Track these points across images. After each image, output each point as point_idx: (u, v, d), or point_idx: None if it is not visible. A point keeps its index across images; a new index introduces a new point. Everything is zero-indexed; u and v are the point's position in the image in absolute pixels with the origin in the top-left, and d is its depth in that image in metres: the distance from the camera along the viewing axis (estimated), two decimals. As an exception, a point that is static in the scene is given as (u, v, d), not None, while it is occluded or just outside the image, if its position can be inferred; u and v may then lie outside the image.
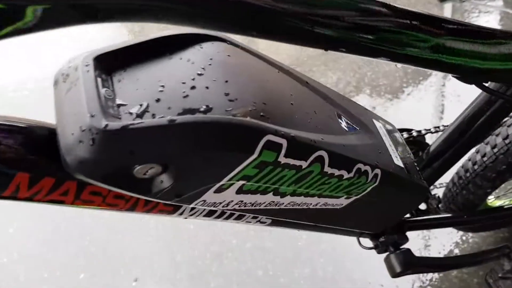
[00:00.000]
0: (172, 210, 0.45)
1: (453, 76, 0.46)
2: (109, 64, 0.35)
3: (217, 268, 1.29)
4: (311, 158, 0.41)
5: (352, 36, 0.37)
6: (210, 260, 1.31)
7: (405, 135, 0.78)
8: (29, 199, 0.36)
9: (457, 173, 0.86)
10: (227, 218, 0.52)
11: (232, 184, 0.39)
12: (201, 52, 0.38)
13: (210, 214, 0.49)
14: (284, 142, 0.37)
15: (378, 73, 1.84)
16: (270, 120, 0.37)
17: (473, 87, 0.50)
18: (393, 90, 1.75)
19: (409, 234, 0.81)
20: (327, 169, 0.43)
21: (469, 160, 0.82)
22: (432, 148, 0.69)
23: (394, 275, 0.78)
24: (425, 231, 1.32)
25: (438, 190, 1.07)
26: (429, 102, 1.71)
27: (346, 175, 0.46)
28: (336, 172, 0.44)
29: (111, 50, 0.35)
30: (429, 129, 0.80)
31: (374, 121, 0.59)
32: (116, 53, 0.35)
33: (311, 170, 0.42)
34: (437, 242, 1.30)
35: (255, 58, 0.44)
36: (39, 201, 0.36)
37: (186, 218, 0.49)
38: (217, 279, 1.26)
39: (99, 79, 0.33)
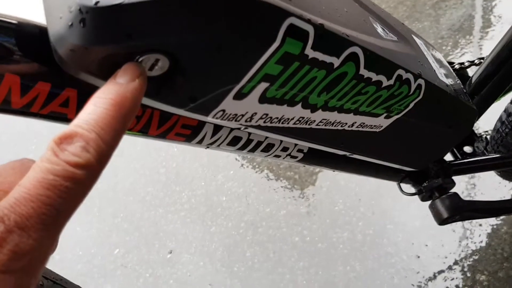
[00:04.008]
0: (190, 133, 0.40)
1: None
2: None
3: (252, 237, 1.25)
4: (344, 54, 0.35)
5: None
6: (244, 230, 1.27)
7: (447, 68, 0.70)
8: (26, 111, 0.32)
9: (505, 110, 0.79)
10: (253, 149, 0.47)
11: (254, 87, 0.34)
12: None
13: (234, 142, 0.44)
14: (310, 29, 0.32)
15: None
16: (292, 3, 0.32)
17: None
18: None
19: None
20: (363, 71, 0.37)
21: (518, 94, 0.74)
22: (477, 74, 0.61)
23: (441, 221, 0.72)
24: (470, 189, 1.24)
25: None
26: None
27: (385, 82, 0.40)
28: (374, 77, 0.38)
29: None
30: (473, 61, 0.72)
31: (414, 37, 0.52)
32: None
33: (345, 71, 0.36)
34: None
35: None
36: (38, 114, 0.32)
37: (207, 147, 0.44)
38: (253, 247, 1.23)
39: (89, -44, 0.28)
